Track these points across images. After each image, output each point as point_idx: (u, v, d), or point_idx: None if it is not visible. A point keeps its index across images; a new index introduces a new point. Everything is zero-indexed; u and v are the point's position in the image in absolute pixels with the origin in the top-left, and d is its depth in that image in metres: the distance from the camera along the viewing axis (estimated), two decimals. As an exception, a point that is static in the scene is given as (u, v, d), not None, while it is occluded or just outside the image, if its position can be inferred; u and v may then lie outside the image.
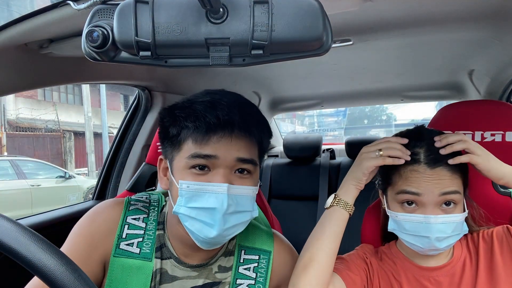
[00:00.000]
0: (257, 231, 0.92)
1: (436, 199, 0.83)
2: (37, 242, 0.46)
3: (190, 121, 0.74)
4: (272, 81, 2.16)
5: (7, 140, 11.38)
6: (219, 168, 0.75)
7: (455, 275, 0.90)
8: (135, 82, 1.53)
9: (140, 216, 0.86)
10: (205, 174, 0.75)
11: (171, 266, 0.84)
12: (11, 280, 1.21)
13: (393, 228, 0.90)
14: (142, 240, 0.83)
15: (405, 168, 0.86)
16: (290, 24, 0.53)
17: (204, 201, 0.73)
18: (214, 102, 0.75)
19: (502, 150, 1.08)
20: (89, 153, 12.29)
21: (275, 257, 0.90)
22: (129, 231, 0.84)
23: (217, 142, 0.74)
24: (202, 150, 0.74)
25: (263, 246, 0.90)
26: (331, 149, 2.77)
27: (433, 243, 0.83)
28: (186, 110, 0.76)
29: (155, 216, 0.87)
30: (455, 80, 2.08)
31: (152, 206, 0.88)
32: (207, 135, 0.73)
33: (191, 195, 0.74)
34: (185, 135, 0.75)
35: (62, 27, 0.87)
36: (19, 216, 1.48)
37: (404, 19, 1.10)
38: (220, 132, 0.74)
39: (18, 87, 1.05)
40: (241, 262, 0.87)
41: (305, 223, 2.48)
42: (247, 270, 0.87)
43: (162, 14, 0.54)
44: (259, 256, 0.88)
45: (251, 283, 0.86)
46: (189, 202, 0.74)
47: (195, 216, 0.74)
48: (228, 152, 0.74)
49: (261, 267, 0.88)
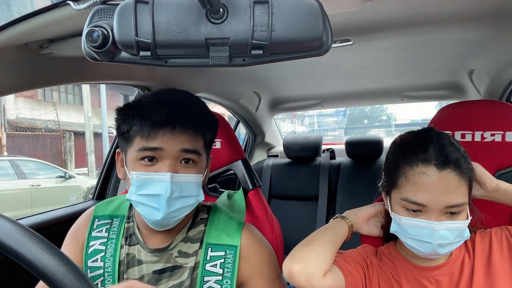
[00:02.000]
0: (226, 226, 0.96)
1: (442, 209, 0.83)
2: (37, 242, 0.46)
3: (137, 120, 0.83)
4: (272, 81, 2.16)
5: (7, 140, 11.38)
6: (165, 158, 0.83)
7: (454, 274, 0.91)
8: (135, 82, 1.53)
9: (102, 228, 0.97)
10: (154, 165, 0.83)
11: (137, 251, 0.92)
12: (11, 280, 1.21)
13: (396, 230, 0.90)
14: (104, 254, 0.93)
15: (413, 170, 0.84)
16: (290, 24, 0.53)
17: (151, 188, 0.82)
18: (159, 102, 0.85)
19: (502, 150, 1.08)
20: (89, 153, 12.30)
21: (243, 248, 0.92)
22: (91, 248, 0.94)
23: (162, 136, 0.82)
24: (149, 144, 0.82)
25: (230, 241, 0.93)
26: (331, 149, 2.77)
27: (435, 249, 0.83)
28: (134, 110, 0.85)
29: (118, 222, 0.97)
30: (455, 80, 2.08)
31: (115, 216, 0.99)
32: (152, 131, 0.82)
33: (140, 184, 0.83)
34: (134, 132, 0.84)
35: (62, 27, 0.87)
36: (19, 216, 1.48)
37: (404, 19, 1.10)
38: (163, 128, 0.82)
39: (18, 87, 1.05)
40: (207, 260, 0.91)
41: (305, 223, 2.48)
42: (214, 267, 0.90)
43: (162, 14, 0.54)
44: (225, 251, 0.92)
45: (219, 279, 0.89)
46: (139, 190, 0.83)
47: (144, 202, 0.83)
48: (172, 145, 0.83)
49: (227, 263, 0.91)
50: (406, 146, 0.90)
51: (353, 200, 2.37)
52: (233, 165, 1.28)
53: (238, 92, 2.22)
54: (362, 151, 2.49)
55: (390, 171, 0.90)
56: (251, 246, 0.94)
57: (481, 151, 1.09)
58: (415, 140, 0.89)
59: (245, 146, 2.98)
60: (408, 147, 0.88)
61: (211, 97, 2.09)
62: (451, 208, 0.82)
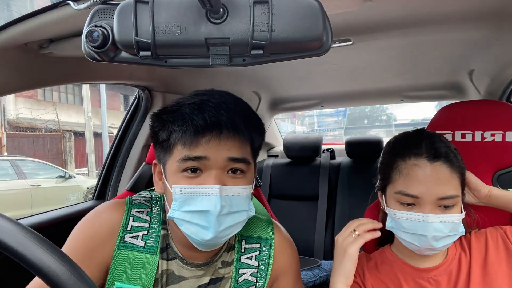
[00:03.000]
0: (257, 221, 0.93)
1: (435, 202, 0.84)
2: (38, 242, 0.46)
3: (178, 125, 0.74)
4: (272, 81, 2.16)
5: (7, 140, 11.38)
6: (211, 169, 0.74)
7: (452, 273, 0.91)
8: (135, 82, 1.52)
9: (144, 210, 0.86)
10: (198, 177, 0.75)
11: (177, 267, 0.84)
12: (11, 280, 1.21)
13: (391, 226, 0.91)
14: (147, 233, 0.83)
15: (405, 163, 0.88)
16: (290, 24, 0.53)
17: (198, 204, 0.73)
18: (201, 104, 0.75)
19: (502, 150, 1.08)
20: (89, 153, 12.30)
21: (276, 245, 0.90)
22: (134, 223, 0.83)
23: (206, 143, 0.74)
24: (192, 153, 0.73)
25: (264, 234, 0.90)
26: (331, 149, 2.77)
27: (430, 242, 0.84)
28: (174, 114, 0.76)
29: (158, 210, 0.86)
30: (455, 80, 2.08)
31: (155, 201, 0.88)
32: (195, 138, 0.73)
33: (184, 199, 0.74)
34: (174, 139, 0.75)
35: (62, 27, 0.87)
36: (19, 216, 1.48)
37: (404, 19, 1.10)
38: (208, 133, 0.74)
39: (18, 87, 1.05)
40: (242, 252, 0.87)
41: (305, 223, 2.48)
42: (249, 259, 0.87)
43: (162, 14, 0.54)
44: (261, 244, 0.89)
45: (254, 272, 0.87)
46: (183, 206, 0.74)
47: (189, 220, 0.74)
48: (218, 153, 0.74)
49: (263, 255, 0.88)
50: (399, 142, 0.95)
51: (353, 200, 2.37)
52: (233, 165, 1.28)
53: (238, 92, 2.20)
54: (362, 151, 2.49)
55: (385, 167, 0.93)
56: (284, 241, 0.92)
57: (481, 151, 1.09)
58: (408, 137, 0.94)
59: (245, 146, 2.98)
60: (401, 143, 0.93)
61: (211, 97, 2.09)
62: (444, 200, 0.84)
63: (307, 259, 2.17)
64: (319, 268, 2.02)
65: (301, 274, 1.93)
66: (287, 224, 1.12)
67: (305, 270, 1.97)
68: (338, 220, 2.36)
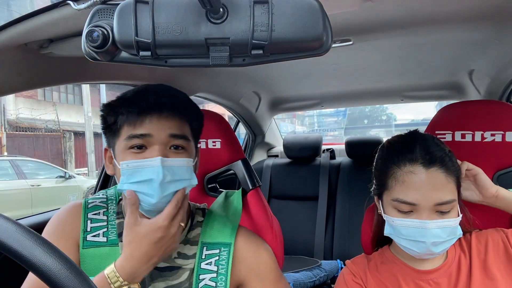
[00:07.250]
0: (221, 227, 0.96)
1: (432, 208, 0.84)
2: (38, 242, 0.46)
3: (124, 108, 0.84)
4: (272, 81, 2.16)
5: (7, 140, 11.38)
6: (155, 145, 0.82)
7: (452, 275, 0.91)
8: (135, 82, 1.52)
9: (100, 211, 0.95)
10: (143, 152, 0.83)
11: None
12: (11, 280, 1.21)
13: (389, 232, 0.90)
14: (107, 230, 0.92)
15: (401, 170, 0.87)
16: (290, 24, 0.53)
17: (142, 175, 0.80)
18: (144, 90, 0.87)
19: (502, 150, 1.08)
20: (89, 153, 12.29)
21: (238, 249, 0.92)
22: (93, 224, 0.93)
23: (150, 122, 0.82)
24: (137, 131, 0.82)
25: (225, 239, 0.93)
26: (331, 149, 2.77)
27: (429, 248, 0.84)
28: (120, 100, 0.86)
29: (114, 208, 0.96)
30: (455, 80, 2.08)
31: (110, 200, 0.98)
32: (139, 118, 0.82)
33: (131, 172, 0.81)
34: (121, 121, 0.84)
35: (62, 27, 0.87)
36: (19, 216, 1.48)
37: (404, 19, 1.10)
38: (150, 114, 0.82)
39: (18, 87, 1.05)
40: (202, 258, 0.91)
41: (305, 223, 2.49)
42: (208, 265, 0.91)
43: (162, 14, 0.54)
44: (220, 249, 0.92)
45: (213, 276, 0.89)
46: (130, 179, 0.81)
47: (136, 189, 0.80)
48: (160, 130, 0.82)
49: (222, 259, 0.91)
50: (393, 148, 0.93)
51: (353, 200, 2.37)
52: (233, 165, 1.28)
53: (238, 92, 2.22)
54: (362, 151, 2.49)
55: (380, 174, 0.92)
56: (247, 247, 0.93)
57: (481, 151, 1.09)
58: (401, 142, 0.92)
59: (245, 146, 2.98)
60: (395, 149, 0.91)
61: (211, 97, 2.09)
62: (441, 205, 0.84)
63: (307, 259, 2.17)
64: (319, 268, 2.02)
65: (301, 274, 1.95)
66: (287, 224, 1.12)
67: (305, 270, 1.97)
68: (338, 220, 2.36)
